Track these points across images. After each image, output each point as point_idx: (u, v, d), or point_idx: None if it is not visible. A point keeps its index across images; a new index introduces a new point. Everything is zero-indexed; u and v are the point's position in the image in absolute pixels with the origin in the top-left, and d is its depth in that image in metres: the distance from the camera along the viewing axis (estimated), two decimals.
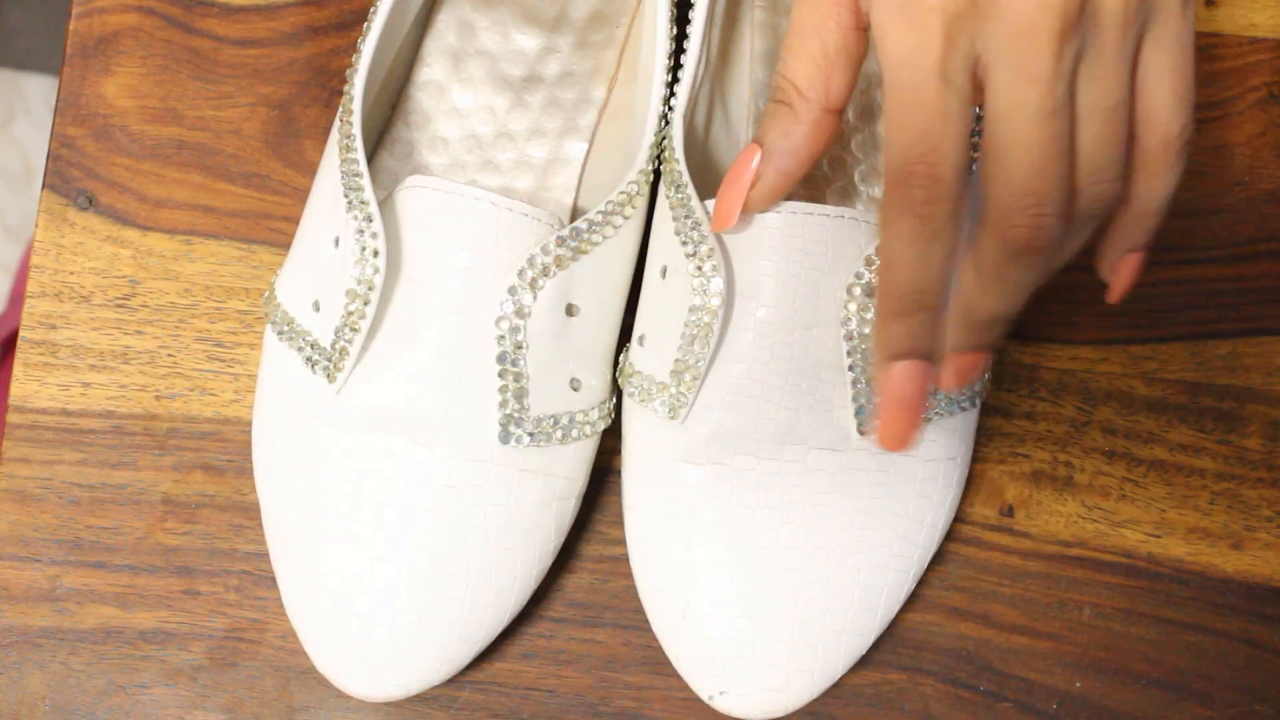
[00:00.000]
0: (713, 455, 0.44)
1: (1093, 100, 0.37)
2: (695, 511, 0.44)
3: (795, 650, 0.44)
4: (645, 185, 0.44)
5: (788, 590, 0.44)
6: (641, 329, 0.45)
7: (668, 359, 0.43)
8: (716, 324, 0.42)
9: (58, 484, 0.48)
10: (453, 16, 0.49)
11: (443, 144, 0.49)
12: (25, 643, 0.47)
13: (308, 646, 0.45)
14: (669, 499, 0.45)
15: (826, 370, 0.43)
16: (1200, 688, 0.48)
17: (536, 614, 0.48)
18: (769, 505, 0.44)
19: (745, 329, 0.43)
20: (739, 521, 0.44)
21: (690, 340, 0.43)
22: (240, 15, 0.51)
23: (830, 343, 0.43)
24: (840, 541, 0.45)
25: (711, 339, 0.42)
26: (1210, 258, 0.51)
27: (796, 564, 0.44)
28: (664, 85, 0.45)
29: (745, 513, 0.44)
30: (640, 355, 0.45)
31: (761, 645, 0.44)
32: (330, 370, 0.43)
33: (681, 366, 0.43)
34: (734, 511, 0.44)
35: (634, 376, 0.45)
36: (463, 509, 0.44)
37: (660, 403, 0.44)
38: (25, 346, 0.49)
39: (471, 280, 0.42)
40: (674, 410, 0.44)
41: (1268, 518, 0.49)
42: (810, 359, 0.43)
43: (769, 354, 0.43)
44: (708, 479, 0.44)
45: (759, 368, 0.43)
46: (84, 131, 0.50)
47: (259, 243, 0.50)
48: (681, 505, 0.44)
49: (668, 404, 0.44)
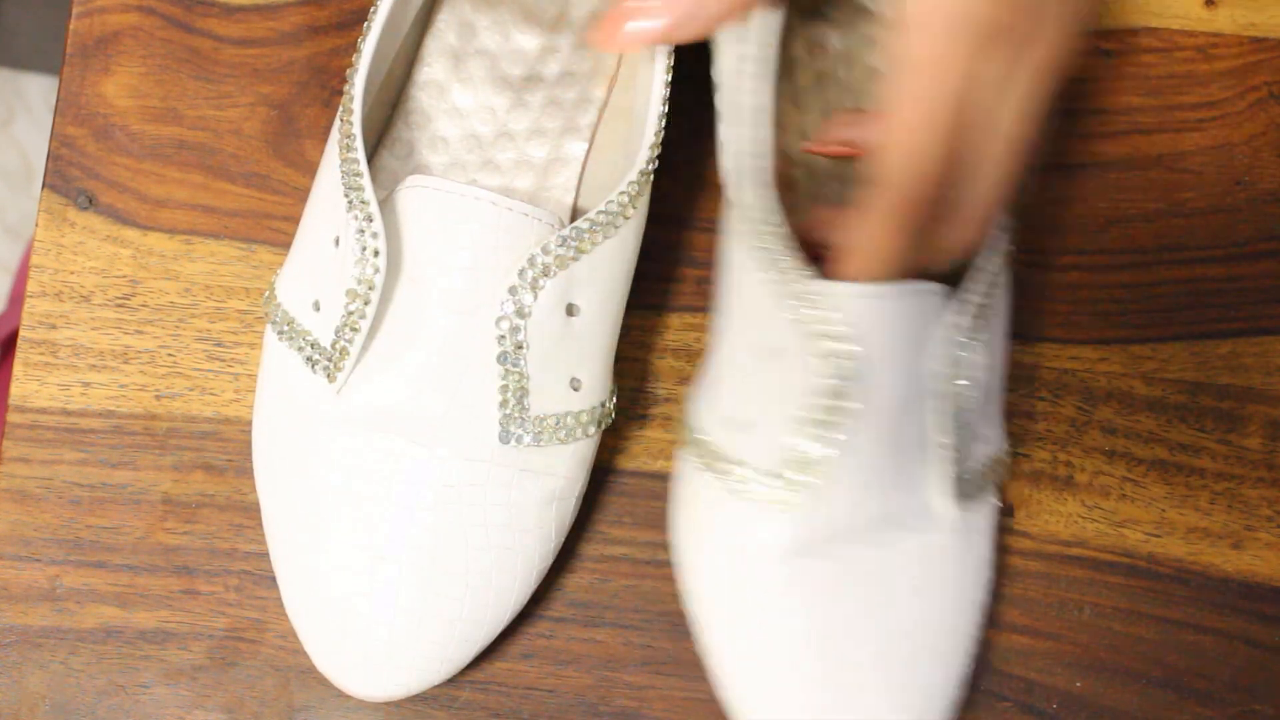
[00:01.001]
0: (816, 549, 0.43)
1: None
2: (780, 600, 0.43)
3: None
4: (646, 185, 0.44)
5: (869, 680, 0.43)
6: (734, 411, 0.43)
7: (774, 446, 0.42)
8: (848, 411, 0.41)
9: (58, 484, 0.48)
10: (453, 16, 0.49)
11: (443, 143, 0.49)
12: (25, 642, 0.47)
13: (308, 646, 0.45)
14: (743, 594, 0.43)
15: (923, 449, 0.43)
16: (1200, 688, 0.48)
17: (537, 614, 0.48)
18: (860, 596, 0.43)
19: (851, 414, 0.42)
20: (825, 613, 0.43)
21: (804, 423, 0.41)
22: (240, 15, 0.51)
23: (931, 416, 0.42)
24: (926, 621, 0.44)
25: (841, 428, 0.41)
26: (1210, 257, 0.51)
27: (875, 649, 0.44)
28: (664, 85, 0.45)
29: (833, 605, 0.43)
30: (745, 444, 0.43)
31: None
32: (330, 370, 0.43)
33: (796, 456, 0.42)
34: (821, 603, 0.43)
35: (736, 466, 0.43)
36: (463, 509, 0.44)
37: (767, 491, 0.42)
38: (25, 346, 0.49)
39: (472, 280, 0.42)
40: (786, 505, 0.42)
41: (1268, 517, 0.49)
42: (910, 440, 0.42)
43: (877, 435, 0.42)
44: (807, 571, 0.43)
45: (864, 454, 0.42)
46: (84, 131, 0.50)
47: (259, 242, 0.50)
48: (756, 600, 0.43)
49: (779, 498, 0.42)
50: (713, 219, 0.50)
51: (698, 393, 0.46)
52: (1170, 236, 0.51)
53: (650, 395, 0.49)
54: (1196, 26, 0.52)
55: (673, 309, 0.50)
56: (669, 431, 0.49)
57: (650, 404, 0.49)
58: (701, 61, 0.52)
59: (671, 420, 0.49)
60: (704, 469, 0.44)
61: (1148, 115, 0.52)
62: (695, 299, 0.50)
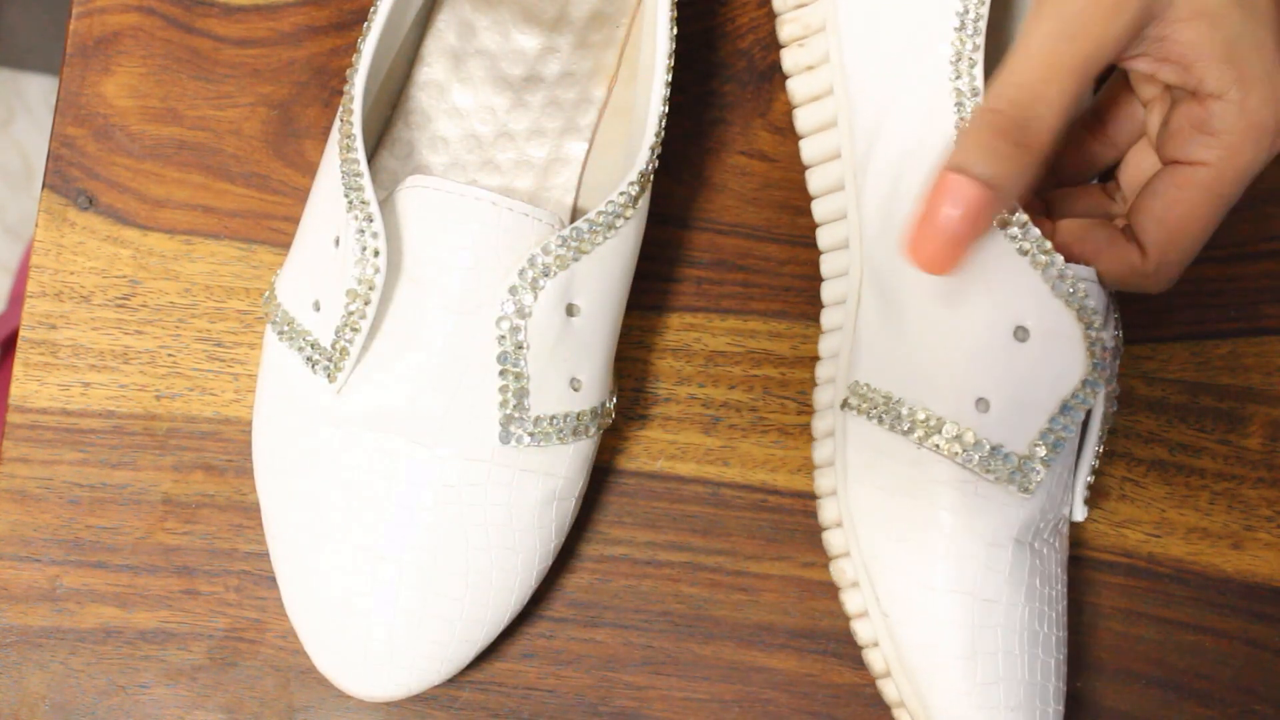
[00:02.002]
0: (1043, 534, 0.43)
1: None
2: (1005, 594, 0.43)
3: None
4: (646, 185, 0.44)
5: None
6: (982, 392, 0.42)
7: (1027, 431, 0.42)
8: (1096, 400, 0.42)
9: (58, 484, 0.48)
10: (453, 16, 0.49)
11: (443, 144, 0.49)
12: (25, 643, 0.47)
13: (308, 646, 0.45)
14: (984, 579, 0.42)
15: (1080, 457, 0.44)
16: (1200, 688, 0.48)
17: (537, 614, 0.48)
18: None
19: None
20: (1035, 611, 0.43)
21: (1061, 410, 0.41)
22: (240, 15, 0.51)
23: (1095, 429, 0.44)
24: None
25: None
26: (1210, 257, 0.51)
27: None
28: (664, 85, 0.45)
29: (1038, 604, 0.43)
30: (983, 423, 0.42)
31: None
32: (331, 370, 0.43)
33: (1052, 439, 0.42)
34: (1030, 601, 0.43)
35: (970, 447, 0.42)
36: (463, 509, 0.44)
37: (1011, 475, 0.42)
38: (25, 346, 0.49)
39: (472, 280, 0.42)
40: (1025, 486, 0.42)
41: (1268, 517, 0.49)
42: (1076, 449, 0.44)
43: (1071, 444, 0.43)
44: (1029, 559, 0.43)
45: (1067, 456, 0.43)
46: (84, 131, 0.50)
47: (259, 243, 0.50)
48: (993, 589, 0.43)
49: (1020, 478, 0.42)
50: (713, 219, 0.50)
51: (897, 369, 0.44)
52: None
53: (650, 395, 0.49)
54: None
55: (673, 309, 0.50)
56: (669, 431, 0.49)
57: (650, 404, 0.49)
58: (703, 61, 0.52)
59: (671, 420, 0.49)
60: (952, 462, 0.42)
61: None
62: (695, 299, 0.50)
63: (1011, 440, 0.42)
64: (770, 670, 0.48)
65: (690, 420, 0.49)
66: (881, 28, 0.44)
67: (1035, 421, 0.42)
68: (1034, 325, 0.41)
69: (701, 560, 0.48)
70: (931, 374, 0.42)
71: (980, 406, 0.42)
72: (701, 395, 0.49)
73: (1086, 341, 0.41)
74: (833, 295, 0.47)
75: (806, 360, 0.50)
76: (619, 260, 0.44)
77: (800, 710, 0.48)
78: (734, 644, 0.48)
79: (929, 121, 0.43)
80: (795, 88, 0.47)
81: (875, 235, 0.44)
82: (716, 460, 0.49)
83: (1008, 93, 0.39)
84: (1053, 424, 0.42)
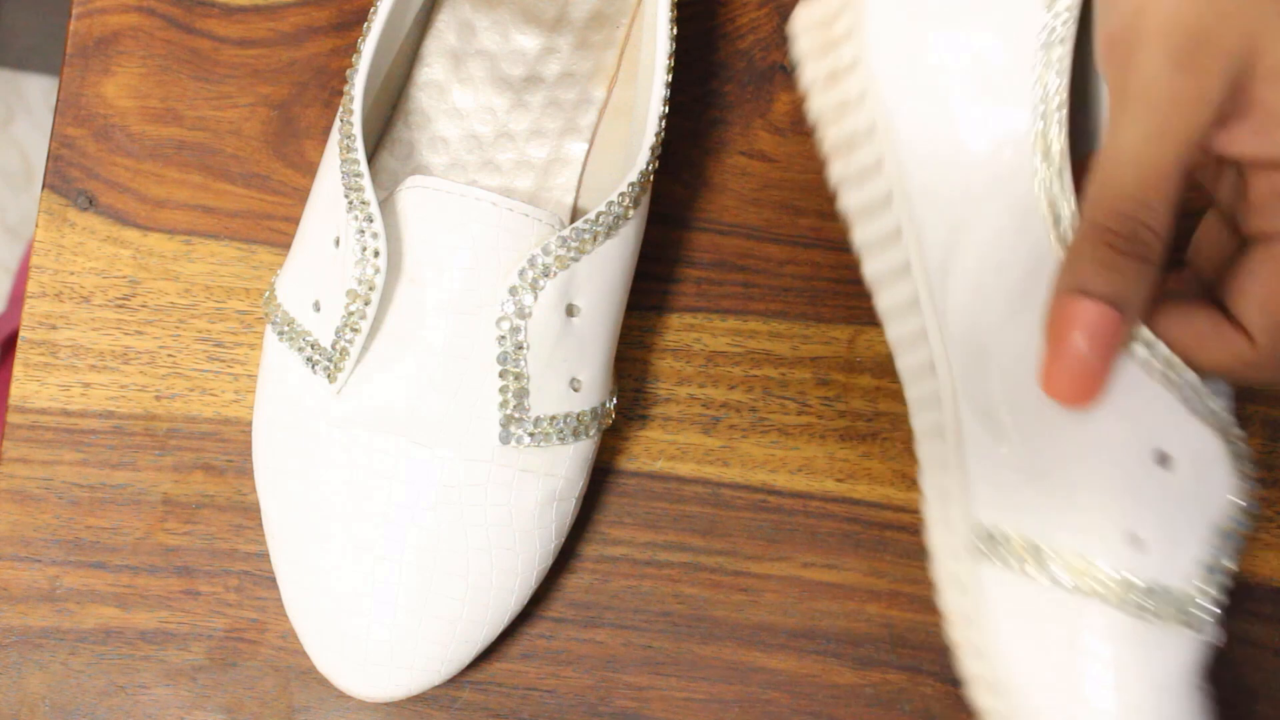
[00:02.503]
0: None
1: None
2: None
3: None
4: (646, 186, 0.44)
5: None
6: (1133, 527, 0.39)
7: (1188, 563, 0.39)
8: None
9: (58, 484, 0.48)
10: (453, 17, 0.49)
11: (443, 144, 0.49)
12: (25, 643, 0.47)
13: (308, 646, 0.45)
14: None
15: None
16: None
17: (537, 614, 0.48)
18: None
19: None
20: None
21: (1218, 537, 0.39)
22: (240, 15, 0.51)
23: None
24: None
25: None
26: None
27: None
28: (664, 85, 0.45)
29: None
30: (1142, 561, 0.38)
31: None
32: (331, 370, 0.43)
33: (1217, 569, 0.39)
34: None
35: (1133, 590, 0.38)
36: (463, 509, 0.44)
37: (1179, 614, 0.38)
38: (25, 346, 0.49)
39: (472, 280, 0.42)
40: (1197, 624, 0.39)
41: (1268, 518, 0.49)
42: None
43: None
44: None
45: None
46: (84, 132, 0.50)
47: (259, 243, 0.50)
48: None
49: (1190, 617, 0.39)
50: (713, 219, 0.50)
51: (1030, 501, 0.40)
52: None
53: (650, 395, 0.49)
54: None
55: (673, 309, 0.50)
56: (669, 432, 0.49)
57: (650, 404, 0.49)
58: (703, 61, 0.52)
59: (671, 420, 0.49)
60: (1123, 611, 0.39)
61: None
62: (695, 300, 0.50)
63: (1173, 575, 0.38)
64: (770, 670, 0.48)
65: (690, 420, 0.49)
66: (949, 132, 0.40)
67: (1194, 552, 0.39)
68: (1176, 450, 0.38)
69: (701, 560, 0.48)
70: (1071, 511, 0.39)
71: (1134, 544, 0.38)
72: (701, 395, 0.49)
73: (1234, 460, 0.39)
74: (927, 427, 0.43)
75: (806, 360, 0.50)
76: (619, 260, 0.44)
77: (800, 711, 0.48)
78: (734, 644, 0.48)
79: (1019, 233, 0.39)
80: (849, 200, 0.43)
81: (967, 360, 0.41)
82: (716, 460, 0.49)
83: (1112, 204, 0.36)
84: (1214, 553, 0.39)
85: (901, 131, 0.41)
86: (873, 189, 0.42)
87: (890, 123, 0.41)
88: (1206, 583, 0.39)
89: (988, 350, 0.40)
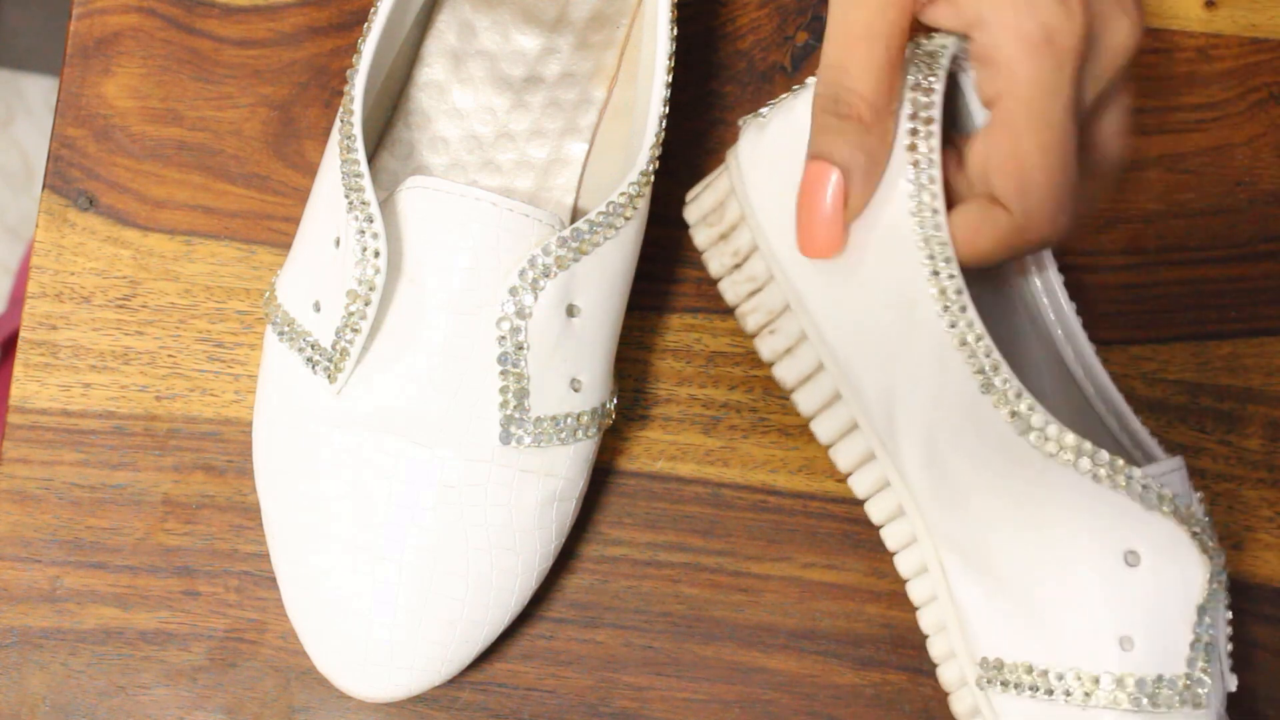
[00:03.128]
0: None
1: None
2: None
3: None
4: (646, 186, 0.44)
5: None
6: (1120, 630, 0.41)
7: (1178, 648, 0.41)
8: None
9: (58, 484, 0.48)
10: (453, 17, 0.49)
11: (443, 144, 0.49)
12: (25, 643, 0.47)
13: (308, 647, 0.45)
14: None
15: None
16: None
17: (537, 614, 0.48)
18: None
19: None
20: None
21: (1199, 615, 0.40)
22: (241, 16, 0.51)
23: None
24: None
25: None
26: (1211, 258, 0.51)
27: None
28: (664, 85, 0.45)
29: None
30: (1136, 661, 0.40)
31: None
32: (331, 371, 0.43)
33: (1203, 646, 0.41)
34: None
35: (1135, 690, 0.40)
36: (463, 509, 0.44)
37: (1182, 698, 0.40)
38: (26, 347, 0.49)
39: (472, 280, 0.42)
40: (1198, 702, 0.41)
41: (1268, 518, 0.49)
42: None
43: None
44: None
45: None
46: (84, 132, 0.50)
47: (259, 243, 0.50)
48: None
49: (1191, 696, 0.41)
50: None
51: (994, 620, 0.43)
52: (1171, 237, 0.51)
53: (651, 396, 0.49)
54: (1197, 27, 0.52)
55: (673, 310, 0.50)
56: (669, 432, 0.49)
57: (651, 404, 0.49)
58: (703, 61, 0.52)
59: (672, 421, 0.49)
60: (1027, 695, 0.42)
61: (1148, 116, 0.52)
62: (696, 300, 0.50)
63: (1167, 664, 0.41)
64: (770, 671, 0.48)
65: (690, 421, 0.49)
66: (854, 296, 0.42)
67: (1182, 635, 0.41)
68: (1142, 546, 0.40)
69: (702, 561, 0.48)
70: (1062, 630, 0.41)
71: (1125, 645, 0.41)
72: (702, 396, 0.49)
73: (1195, 541, 0.40)
74: (910, 567, 0.45)
75: None
76: (619, 261, 0.44)
77: (800, 711, 0.48)
78: (734, 644, 0.48)
79: (942, 372, 0.41)
80: (783, 375, 0.45)
81: (931, 501, 0.43)
82: (717, 461, 0.49)
83: (821, 75, 0.40)
84: (1198, 631, 0.41)
85: (812, 303, 0.43)
86: (802, 360, 0.45)
87: (802, 298, 0.43)
88: (1198, 659, 0.41)
89: (949, 494, 0.42)
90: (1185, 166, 0.51)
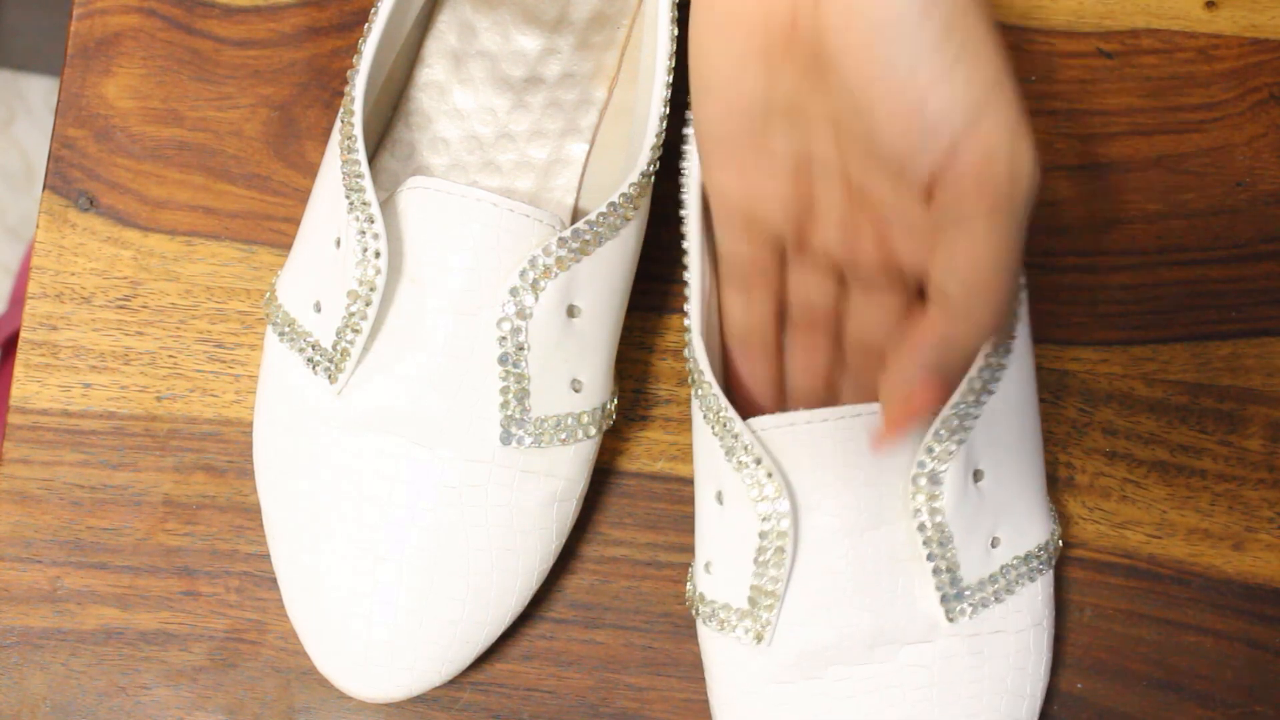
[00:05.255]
0: (804, 671, 0.43)
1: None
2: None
3: None
4: (647, 186, 0.44)
5: None
6: (706, 555, 0.44)
7: (742, 585, 0.43)
8: (789, 545, 0.42)
9: (59, 485, 0.48)
10: (453, 17, 0.49)
11: (444, 145, 0.49)
12: (26, 643, 0.47)
13: (308, 647, 0.45)
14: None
15: (903, 564, 0.43)
16: (1200, 688, 0.48)
17: (537, 615, 0.48)
18: (869, 711, 0.43)
19: (814, 541, 0.42)
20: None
21: (765, 565, 0.42)
22: (241, 16, 0.51)
23: (902, 536, 0.42)
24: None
25: (786, 560, 0.42)
26: (1211, 258, 0.51)
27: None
28: (665, 86, 0.45)
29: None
30: (710, 582, 0.44)
31: None
32: (332, 371, 0.43)
33: (758, 592, 0.42)
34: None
35: (707, 605, 0.44)
36: (464, 510, 0.44)
37: (743, 630, 0.43)
38: (26, 347, 0.49)
39: (473, 281, 0.42)
40: (759, 636, 0.43)
41: (1269, 519, 0.49)
42: (884, 557, 0.42)
43: (843, 561, 0.42)
44: (803, 695, 0.43)
45: (836, 577, 0.42)
46: (85, 132, 0.50)
47: (260, 244, 0.50)
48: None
49: (752, 631, 0.43)
50: None
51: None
52: (1171, 238, 0.51)
53: (651, 396, 0.49)
54: (1197, 28, 0.52)
55: (674, 310, 0.50)
56: (670, 433, 0.49)
57: (651, 405, 0.49)
58: None
59: (673, 421, 0.49)
60: (704, 625, 0.45)
61: (1148, 116, 0.52)
62: None
63: (733, 596, 0.43)
64: None
65: (691, 421, 0.49)
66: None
67: (744, 571, 0.43)
68: (726, 489, 0.43)
69: None
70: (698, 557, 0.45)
71: (707, 569, 0.44)
72: None
73: (755, 496, 0.42)
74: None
75: None
76: (620, 261, 0.44)
77: None
78: None
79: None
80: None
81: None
82: None
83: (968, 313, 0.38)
84: (754, 571, 0.43)
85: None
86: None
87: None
88: (754, 599, 0.43)
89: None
90: (1185, 167, 0.51)
